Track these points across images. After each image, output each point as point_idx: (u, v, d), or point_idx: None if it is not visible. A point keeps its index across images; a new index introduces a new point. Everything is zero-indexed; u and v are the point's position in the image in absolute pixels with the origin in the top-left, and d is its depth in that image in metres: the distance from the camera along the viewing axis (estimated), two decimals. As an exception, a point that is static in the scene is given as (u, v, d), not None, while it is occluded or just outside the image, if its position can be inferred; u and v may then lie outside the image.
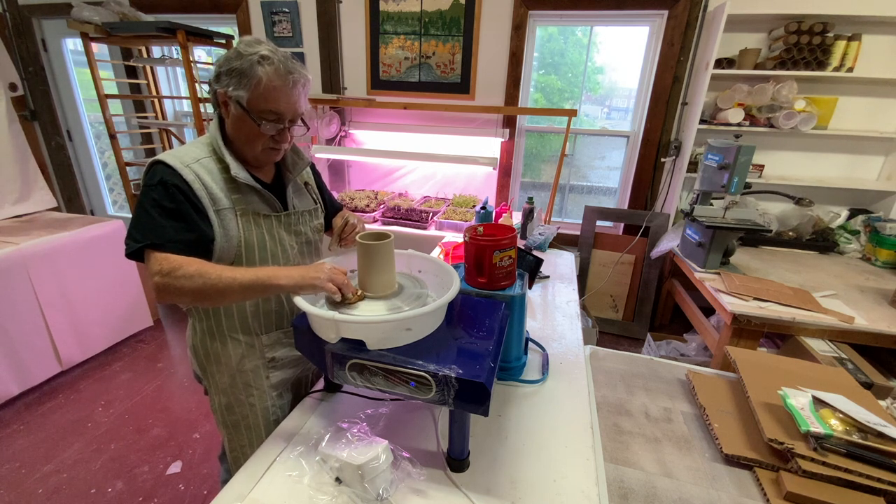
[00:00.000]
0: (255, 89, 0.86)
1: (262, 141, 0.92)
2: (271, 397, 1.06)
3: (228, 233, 0.91)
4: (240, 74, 0.86)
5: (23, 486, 1.69)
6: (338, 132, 3.04)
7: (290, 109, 0.91)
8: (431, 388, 0.69)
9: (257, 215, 0.95)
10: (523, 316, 1.03)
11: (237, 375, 1.02)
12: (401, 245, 0.91)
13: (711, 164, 1.96)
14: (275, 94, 0.87)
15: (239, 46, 0.88)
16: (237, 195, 0.93)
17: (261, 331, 1.02)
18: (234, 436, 1.07)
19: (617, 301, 2.89)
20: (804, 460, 0.80)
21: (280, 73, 0.87)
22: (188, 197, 0.86)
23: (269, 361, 1.05)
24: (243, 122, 0.90)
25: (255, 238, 0.95)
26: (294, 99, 0.90)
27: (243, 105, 0.87)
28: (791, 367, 1.11)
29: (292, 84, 0.89)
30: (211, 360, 1.03)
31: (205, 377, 1.07)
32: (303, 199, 1.09)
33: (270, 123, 0.90)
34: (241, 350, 1.01)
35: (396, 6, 2.73)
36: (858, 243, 2.38)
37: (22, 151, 2.90)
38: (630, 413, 1.02)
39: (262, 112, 0.88)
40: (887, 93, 2.36)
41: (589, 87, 2.88)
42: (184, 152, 0.90)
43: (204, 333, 1.02)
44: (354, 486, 0.71)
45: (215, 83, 0.89)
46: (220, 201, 0.90)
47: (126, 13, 2.61)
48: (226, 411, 1.05)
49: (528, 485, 0.76)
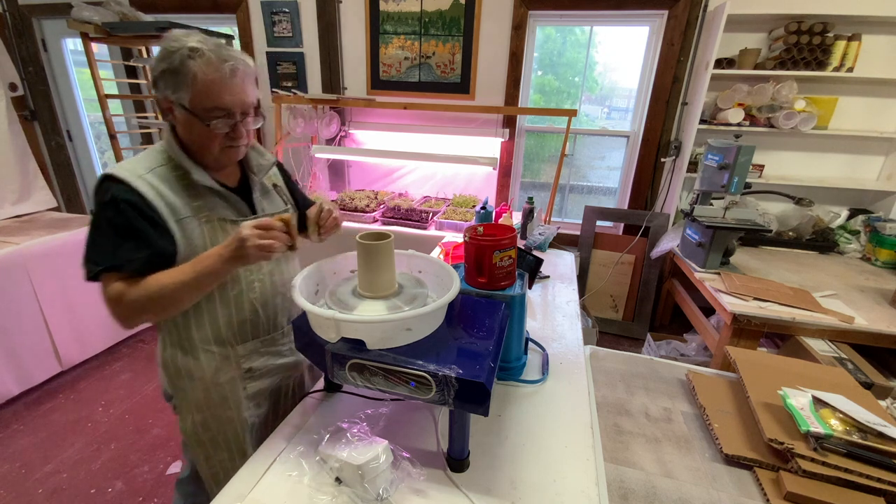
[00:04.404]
0: (193, 87, 0.79)
1: (218, 141, 0.86)
2: (249, 408, 1.01)
3: (192, 242, 0.86)
4: (173, 75, 0.79)
5: (23, 486, 1.69)
6: (338, 132, 3.04)
7: (236, 102, 0.84)
8: (431, 388, 0.69)
9: (223, 221, 0.90)
10: (523, 316, 1.03)
11: (212, 389, 0.97)
12: (401, 245, 0.91)
13: (711, 164, 1.96)
14: (215, 88, 0.80)
15: (165, 44, 0.80)
16: (199, 202, 0.88)
17: (236, 341, 0.97)
18: (211, 453, 1.02)
19: (617, 301, 2.89)
20: (804, 460, 0.80)
21: (214, 65, 0.79)
22: (142, 212, 0.80)
23: (245, 372, 1.00)
24: (192, 125, 0.84)
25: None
26: (238, 89, 0.83)
27: (186, 107, 0.81)
28: (791, 367, 1.11)
29: (230, 73, 0.81)
30: (183, 375, 0.97)
31: (176, 394, 1.01)
32: (272, 201, 1.04)
33: (220, 121, 0.83)
34: (216, 362, 0.96)
35: (396, 6, 2.72)
36: (858, 243, 2.38)
37: (22, 151, 2.90)
38: (630, 413, 1.02)
39: (207, 111, 0.82)
40: (887, 93, 2.36)
41: (588, 87, 2.88)
42: (136, 163, 0.85)
43: (175, 347, 0.97)
44: (354, 486, 0.71)
45: (155, 91, 0.83)
46: (180, 210, 0.85)
47: (126, 13, 2.61)
48: (201, 429, 1.00)
49: (528, 485, 0.76)
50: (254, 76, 0.87)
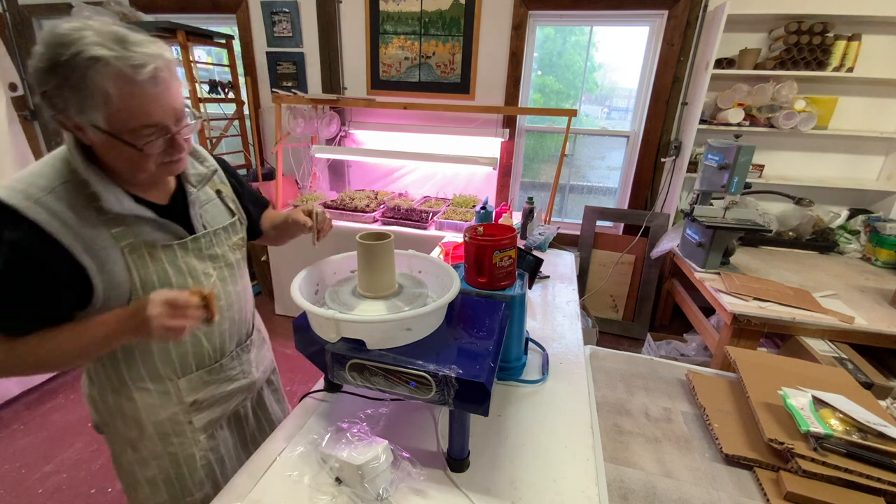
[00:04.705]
0: (107, 108, 0.62)
1: (153, 160, 0.69)
2: (198, 441, 0.90)
3: (114, 278, 0.71)
4: (74, 92, 0.61)
5: (23, 486, 1.69)
6: (338, 132, 3.04)
7: (167, 112, 0.67)
8: (431, 388, 0.69)
9: (153, 247, 0.75)
10: (523, 316, 1.03)
11: (149, 427, 0.85)
12: (401, 245, 0.91)
13: (711, 164, 1.96)
14: (140, 104, 0.63)
15: (50, 49, 0.60)
16: (120, 227, 0.71)
17: (176, 375, 0.84)
18: (150, 495, 0.89)
19: (617, 301, 2.89)
20: (804, 460, 0.80)
21: (127, 76, 0.61)
22: (35, 255, 0.64)
23: (190, 405, 0.87)
24: (119, 150, 0.66)
25: (154, 276, 0.75)
26: (167, 97, 0.66)
27: (105, 130, 0.64)
28: (791, 367, 1.11)
29: (152, 79, 0.63)
30: (115, 414, 0.85)
31: (107, 431, 0.89)
32: (215, 214, 0.88)
33: (154, 140, 0.67)
34: (153, 399, 0.84)
35: (396, 6, 2.73)
36: (858, 243, 2.38)
37: (22, 151, 2.90)
38: (630, 413, 1.02)
39: (133, 132, 0.65)
40: (887, 93, 2.36)
41: (588, 87, 2.88)
42: (31, 180, 0.66)
43: (103, 386, 0.83)
44: (354, 486, 0.71)
45: (44, 105, 0.63)
46: (94, 240, 0.68)
47: (126, 13, 2.61)
48: (138, 467, 0.87)
49: (528, 485, 0.76)
50: (175, 69, 0.69)
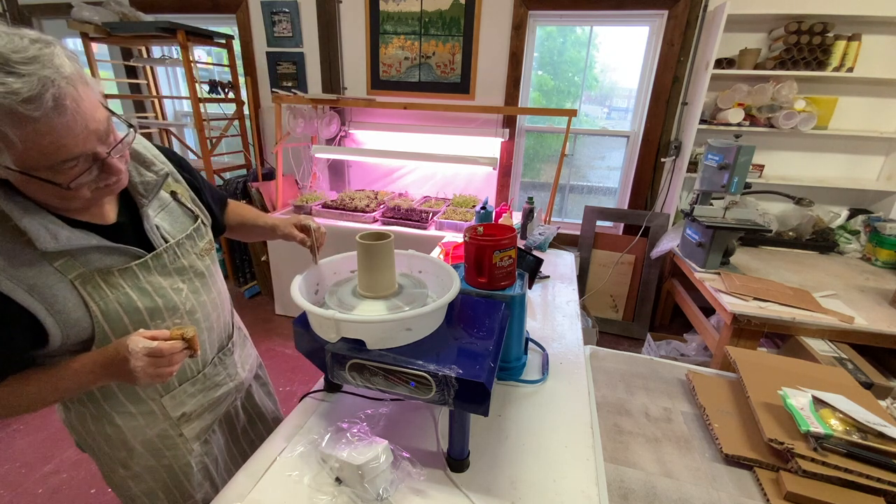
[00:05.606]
0: (13, 151, 0.52)
1: (85, 188, 0.60)
2: (192, 450, 0.88)
3: (68, 317, 0.63)
4: None
5: (23, 486, 1.69)
6: (338, 132, 3.04)
7: (88, 137, 0.56)
8: (431, 388, 0.69)
9: (108, 274, 0.66)
10: (523, 316, 1.03)
11: (138, 446, 0.82)
12: (401, 245, 0.91)
13: (711, 164, 1.96)
14: (49, 140, 0.53)
15: None
16: (63, 259, 0.62)
17: (159, 394, 0.80)
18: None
19: (617, 301, 2.89)
20: (804, 460, 0.80)
21: (24, 114, 0.50)
22: None
23: (178, 419, 0.84)
24: (40, 186, 0.57)
25: (115, 305, 0.67)
26: (80, 122, 0.55)
27: (18, 170, 0.54)
28: (791, 367, 1.11)
29: (55, 109, 0.51)
30: (98, 439, 0.80)
31: (91, 452, 0.85)
32: (174, 221, 0.79)
33: (80, 174, 0.58)
34: (137, 421, 0.80)
35: (396, 6, 2.73)
36: (858, 243, 2.38)
37: None
38: (630, 413, 1.02)
39: (52, 169, 0.55)
40: (887, 93, 2.36)
41: (588, 86, 2.88)
42: None
43: (80, 413, 0.79)
44: (354, 486, 0.71)
45: None
46: (35, 277, 0.59)
47: (126, 13, 2.61)
48: (132, 482, 0.85)
49: (528, 485, 0.76)
50: (81, 79, 0.55)
